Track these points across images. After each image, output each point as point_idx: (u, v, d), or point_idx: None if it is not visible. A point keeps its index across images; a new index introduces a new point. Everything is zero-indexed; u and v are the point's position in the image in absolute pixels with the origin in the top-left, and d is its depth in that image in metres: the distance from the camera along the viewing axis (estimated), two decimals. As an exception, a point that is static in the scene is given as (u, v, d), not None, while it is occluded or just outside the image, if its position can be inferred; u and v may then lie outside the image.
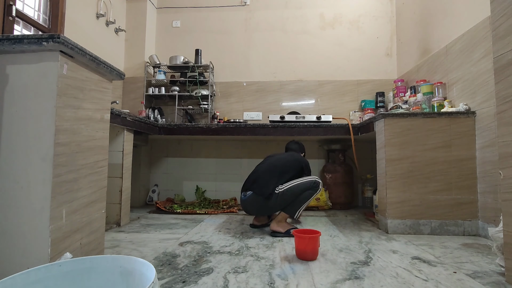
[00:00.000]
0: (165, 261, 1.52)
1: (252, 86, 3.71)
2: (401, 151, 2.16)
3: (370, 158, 3.41)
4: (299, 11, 3.74)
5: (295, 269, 1.42)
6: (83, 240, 1.23)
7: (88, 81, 1.26)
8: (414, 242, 1.90)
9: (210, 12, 3.81)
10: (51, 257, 1.03)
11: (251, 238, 1.99)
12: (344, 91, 3.61)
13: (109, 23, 3.22)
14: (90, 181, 1.27)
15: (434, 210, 2.11)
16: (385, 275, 1.35)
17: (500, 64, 1.34)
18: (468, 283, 1.27)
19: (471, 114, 2.13)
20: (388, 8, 3.66)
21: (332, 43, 3.68)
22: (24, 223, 1.03)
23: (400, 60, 3.51)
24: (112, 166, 2.31)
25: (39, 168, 1.04)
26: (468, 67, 2.22)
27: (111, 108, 1.54)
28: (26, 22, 2.23)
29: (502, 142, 1.33)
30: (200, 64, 3.48)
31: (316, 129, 2.88)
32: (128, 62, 3.59)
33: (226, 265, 1.46)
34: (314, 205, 3.03)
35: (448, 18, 2.52)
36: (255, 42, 3.76)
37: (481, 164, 2.07)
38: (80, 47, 1.14)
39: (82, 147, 1.21)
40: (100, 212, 1.35)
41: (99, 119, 1.35)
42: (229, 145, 3.60)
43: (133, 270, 0.90)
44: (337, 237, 2.02)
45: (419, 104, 2.63)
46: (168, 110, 3.66)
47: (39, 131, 1.05)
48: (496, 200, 1.91)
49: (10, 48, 1.06)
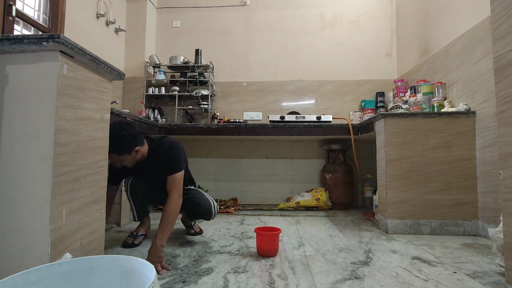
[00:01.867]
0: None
1: (252, 86, 3.71)
2: (401, 151, 2.16)
3: (370, 158, 3.41)
4: (299, 11, 3.74)
5: (295, 269, 1.42)
6: (83, 240, 1.22)
7: (88, 81, 1.26)
8: (414, 242, 1.90)
9: (210, 12, 3.81)
10: (51, 257, 1.03)
11: (251, 238, 1.99)
12: (344, 91, 3.61)
13: (109, 23, 3.22)
14: (90, 181, 1.27)
15: (434, 210, 2.11)
16: (385, 275, 1.35)
17: (500, 64, 1.34)
18: (468, 283, 1.27)
19: (471, 114, 2.13)
20: (388, 8, 3.66)
21: (332, 43, 3.68)
22: (24, 223, 1.03)
23: (400, 60, 3.51)
24: (112, 166, 2.31)
25: (39, 168, 1.04)
26: (468, 67, 2.22)
27: (111, 108, 1.54)
28: (26, 22, 2.23)
29: (502, 142, 1.33)
30: (200, 64, 3.48)
31: (316, 129, 2.88)
32: (128, 62, 3.59)
33: (226, 265, 1.46)
34: (314, 205, 3.03)
35: (448, 18, 2.52)
36: (255, 42, 3.76)
37: (481, 164, 2.07)
38: (80, 47, 1.14)
39: (82, 147, 1.21)
40: (100, 212, 1.35)
41: (99, 119, 1.35)
42: (229, 145, 3.60)
43: (133, 270, 0.90)
44: (337, 237, 2.02)
45: (419, 104, 2.63)
46: (168, 110, 3.66)
47: (39, 131, 1.05)
48: (496, 200, 1.91)
49: (10, 48, 1.06)
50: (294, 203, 3.07)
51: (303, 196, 3.09)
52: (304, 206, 3.06)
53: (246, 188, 3.55)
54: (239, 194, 3.53)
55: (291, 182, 3.53)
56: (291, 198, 3.21)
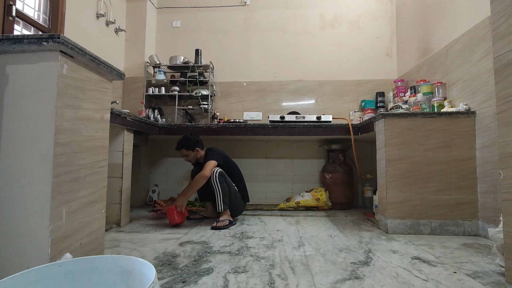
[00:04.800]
0: (165, 261, 1.52)
1: (252, 86, 3.71)
2: (401, 151, 2.16)
3: (370, 158, 3.41)
4: (299, 11, 3.74)
5: (295, 269, 1.42)
6: (83, 240, 1.22)
7: (88, 81, 1.26)
8: (414, 242, 1.90)
9: (210, 12, 3.81)
10: (51, 257, 1.03)
11: (251, 238, 1.99)
12: (344, 91, 3.61)
13: (109, 23, 3.22)
14: (90, 181, 1.27)
15: (434, 210, 2.11)
16: (385, 275, 1.35)
17: (500, 64, 1.34)
18: (468, 283, 1.27)
19: (471, 114, 2.13)
20: (388, 8, 3.66)
21: (332, 43, 3.68)
22: (24, 223, 1.03)
23: (400, 60, 3.51)
24: (112, 166, 2.31)
25: (39, 168, 1.04)
26: (468, 67, 2.22)
27: (111, 108, 1.54)
28: (26, 22, 2.23)
29: (502, 142, 1.33)
30: (200, 64, 3.48)
31: (316, 129, 2.88)
32: (128, 62, 3.59)
33: (226, 265, 1.46)
34: (314, 205, 3.03)
35: (448, 18, 2.52)
36: (255, 42, 3.76)
37: (481, 164, 2.07)
38: (80, 47, 1.14)
39: (82, 147, 1.21)
40: (100, 212, 1.35)
41: (99, 119, 1.35)
42: (229, 145, 3.60)
43: (133, 270, 0.90)
44: (337, 237, 2.02)
45: (419, 104, 2.63)
46: (168, 110, 3.66)
47: (39, 131, 1.05)
48: (496, 200, 1.91)
49: (10, 48, 1.06)
50: (294, 203, 3.07)
51: (303, 196, 3.09)
52: (304, 206, 3.06)
53: (246, 188, 3.54)
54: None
55: (291, 182, 3.53)
56: (291, 198, 3.21)
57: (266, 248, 1.75)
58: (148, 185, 3.58)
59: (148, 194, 3.46)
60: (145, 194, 3.48)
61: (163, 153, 3.66)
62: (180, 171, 3.62)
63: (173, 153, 3.65)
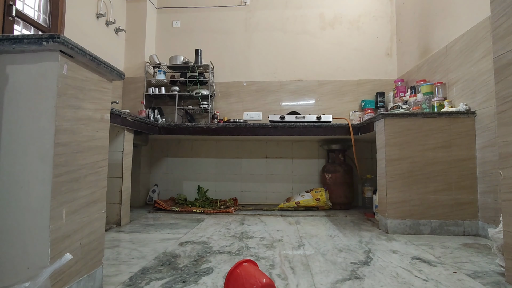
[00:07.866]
0: (165, 261, 1.52)
1: (252, 86, 3.71)
2: (401, 151, 2.16)
3: (370, 158, 3.42)
4: (299, 11, 3.74)
5: (295, 269, 1.42)
6: (83, 240, 1.22)
7: (88, 81, 1.26)
8: (414, 242, 1.90)
9: (210, 12, 3.81)
10: (51, 257, 1.03)
11: (251, 238, 1.99)
12: (344, 91, 3.61)
13: (109, 23, 3.22)
14: (90, 181, 1.27)
15: (434, 210, 2.11)
16: (385, 275, 1.35)
17: (500, 64, 1.34)
18: (468, 283, 1.27)
19: (471, 114, 2.13)
20: (388, 8, 3.66)
21: (332, 43, 3.68)
22: (24, 223, 1.03)
23: (400, 60, 3.51)
24: (112, 166, 2.31)
25: (39, 168, 1.04)
26: (468, 67, 2.22)
27: (111, 108, 1.54)
28: (26, 22, 2.23)
29: (502, 142, 1.33)
30: (200, 64, 3.49)
31: (316, 129, 2.88)
32: (128, 62, 3.59)
33: (226, 265, 1.46)
34: (314, 205, 3.03)
35: (448, 18, 2.52)
36: (255, 42, 3.76)
37: (481, 164, 2.07)
38: (80, 47, 1.14)
39: (82, 147, 1.21)
40: (100, 212, 1.35)
41: (99, 119, 1.35)
42: (229, 145, 3.60)
43: None
44: (337, 237, 2.02)
45: (419, 104, 2.63)
46: (168, 110, 3.66)
47: (39, 131, 1.05)
48: (496, 200, 1.91)
49: (10, 48, 1.06)
50: (294, 203, 3.07)
51: (303, 196, 3.09)
52: (304, 206, 3.06)
53: (246, 188, 3.55)
54: (239, 194, 3.53)
55: (291, 182, 3.53)
56: (291, 198, 3.21)
57: (266, 248, 1.75)
58: (148, 185, 3.58)
59: (148, 194, 3.46)
60: (145, 194, 3.48)
61: (163, 153, 3.66)
62: (180, 171, 3.63)
63: (173, 153, 3.66)
